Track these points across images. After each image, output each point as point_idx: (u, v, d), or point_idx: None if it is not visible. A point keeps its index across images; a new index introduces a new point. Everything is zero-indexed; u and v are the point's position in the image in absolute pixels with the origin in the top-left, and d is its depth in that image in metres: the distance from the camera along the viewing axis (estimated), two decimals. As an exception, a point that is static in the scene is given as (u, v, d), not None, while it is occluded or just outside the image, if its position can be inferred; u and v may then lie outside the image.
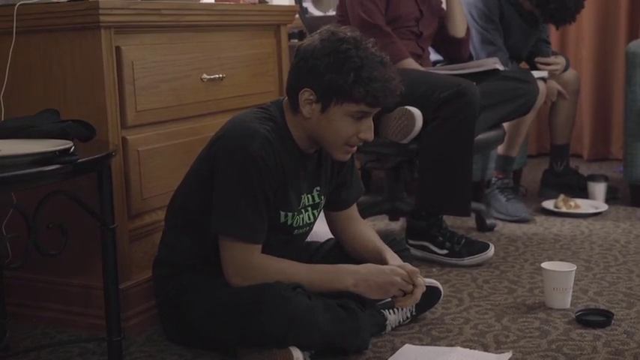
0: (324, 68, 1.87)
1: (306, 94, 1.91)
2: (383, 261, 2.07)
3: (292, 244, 2.08)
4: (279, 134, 1.95)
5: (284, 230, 2.02)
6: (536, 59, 3.51)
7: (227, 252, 1.93)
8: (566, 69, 3.59)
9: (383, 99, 1.90)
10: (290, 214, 2.00)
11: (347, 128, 1.92)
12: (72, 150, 1.73)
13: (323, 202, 2.12)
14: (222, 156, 1.92)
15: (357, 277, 1.96)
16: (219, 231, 1.93)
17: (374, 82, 1.87)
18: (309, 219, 2.08)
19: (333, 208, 2.18)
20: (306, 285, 1.91)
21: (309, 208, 2.06)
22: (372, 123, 1.96)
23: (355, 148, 1.99)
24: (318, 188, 2.07)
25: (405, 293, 1.99)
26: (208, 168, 1.95)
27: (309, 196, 2.05)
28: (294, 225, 2.03)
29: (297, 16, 3.05)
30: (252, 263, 1.92)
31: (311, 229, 2.13)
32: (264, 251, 1.95)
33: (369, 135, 1.95)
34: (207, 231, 1.95)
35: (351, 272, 1.98)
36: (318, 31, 1.95)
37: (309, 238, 2.24)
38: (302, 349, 1.88)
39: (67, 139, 1.82)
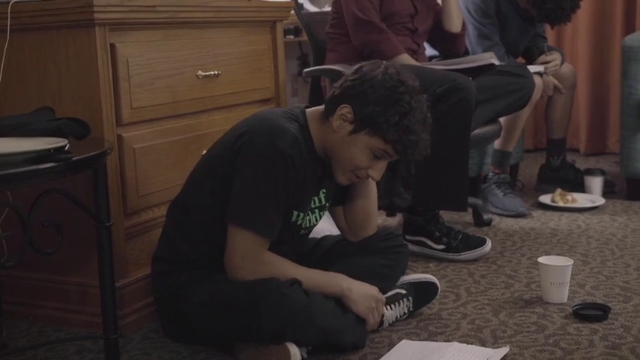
0: (373, 97, 1.90)
1: (344, 110, 1.93)
2: None
3: (294, 243, 2.09)
4: (302, 136, 1.96)
5: (292, 229, 2.02)
6: (538, 60, 3.51)
7: (238, 244, 1.91)
8: (561, 63, 3.59)
9: (409, 152, 1.93)
10: (301, 215, 2.01)
11: (362, 160, 1.95)
12: (67, 148, 1.73)
13: (328, 204, 2.13)
14: (249, 150, 1.91)
15: (350, 283, 2.02)
16: (238, 222, 1.91)
17: (410, 134, 1.90)
18: (315, 220, 2.10)
19: (340, 202, 2.19)
20: (306, 285, 1.92)
21: (316, 210, 2.08)
22: (386, 166, 1.99)
23: (359, 180, 2.03)
24: (324, 190, 2.08)
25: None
26: (228, 163, 1.94)
27: (316, 198, 2.06)
28: (302, 225, 2.04)
29: (292, 12, 3.04)
30: (262, 259, 1.92)
31: (311, 230, 2.14)
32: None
33: (377, 175, 1.99)
34: (211, 228, 1.96)
35: (346, 278, 2.03)
36: (388, 63, 1.98)
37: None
38: (299, 345, 1.89)
39: (61, 137, 1.82)
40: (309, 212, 2.05)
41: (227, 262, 1.94)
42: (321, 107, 2.02)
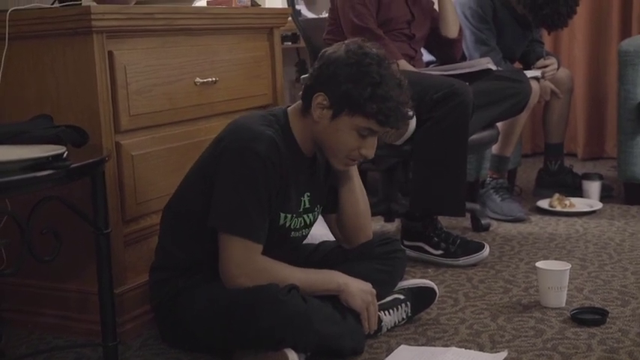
0: (343, 77, 1.90)
1: (319, 98, 1.93)
2: None
3: (287, 247, 2.09)
4: (283, 137, 1.97)
5: (281, 233, 2.03)
6: (537, 64, 3.52)
7: (230, 252, 1.91)
8: (557, 68, 3.60)
9: (394, 120, 1.93)
10: (289, 216, 2.02)
11: (351, 141, 1.95)
12: (65, 155, 1.73)
13: (318, 209, 2.13)
14: (228, 156, 1.92)
15: (346, 278, 2.03)
16: (225, 229, 1.92)
17: (388, 102, 1.90)
18: (305, 222, 2.09)
19: (332, 209, 2.20)
20: (303, 286, 1.93)
21: (302, 214, 2.08)
22: (377, 142, 1.99)
23: (356, 162, 2.03)
24: (309, 194, 2.08)
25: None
26: (212, 169, 1.95)
27: (303, 200, 2.06)
28: (291, 227, 2.04)
29: (290, 18, 3.05)
30: (257, 264, 1.92)
31: (306, 235, 2.15)
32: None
33: (370, 152, 1.99)
34: (204, 234, 1.95)
35: (342, 275, 2.04)
36: (347, 41, 1.99)
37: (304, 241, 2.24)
38: (298, 350, 1.88)
39: (60, 144, 1.82)
40: (300, 213, 2.05)
41: (223, 273, 1.93)
42: (300, 103, 2.02)
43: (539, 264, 2.32)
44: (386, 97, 1.89)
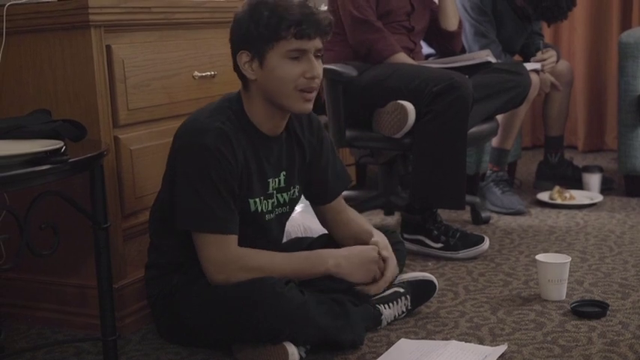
0: (244, 23, 1.90)
1: (242, 57, 1.92)
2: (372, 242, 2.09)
3: (268, 232, 2.06)
4: (237, 122, 1.94)
5: (255, 219, 2.00)
6: (537, 56, 3.51)
7: (203, 248, 1.91)
8: (557, 60, 3.59)
9: (308, 28, 1.87)
10: (258, 200, 1.99)
11: (290, 71, 1.89)
12: (63, 150, 1.73)
13: (296, 188, 2.09)
14: (180, 155, 1.93)
15: (338, 257, 1.98)
16: (189, 227, 1.92)
17: (291, 15, 1.86)
18: (279, 202, 2.06)
19: (319, 201, 2.18)
20: (289, 274, 1.91)
21: (275, 192, 2.04)
22: (316, 61, 1.92)
23: (313, 94, 1.94)
24: (285, 173, 2.05)
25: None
26: (172, 167, 1.96)
27: (276, 179, 2.03)
28: (263, 210, 2.02)
29: (288, 11, 3.03)
30: (231, 256, 1.90)
31: (284, 214, 2.10)
32: (244, 246, 1.94)
33: (316, 71, 1.91)
34: (184, 231, 1.95)
35: (332, 254, 1.99)
36: None
37: (302, 234, 2.23)
38: (297, 344, 1.88)
39: (58, 139, 1.82)
40: (270, 195, 2.02)
41: (205, 272, 1.93)
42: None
43: (539, 257, 2.32)
44: (288, 12, 1.86)
